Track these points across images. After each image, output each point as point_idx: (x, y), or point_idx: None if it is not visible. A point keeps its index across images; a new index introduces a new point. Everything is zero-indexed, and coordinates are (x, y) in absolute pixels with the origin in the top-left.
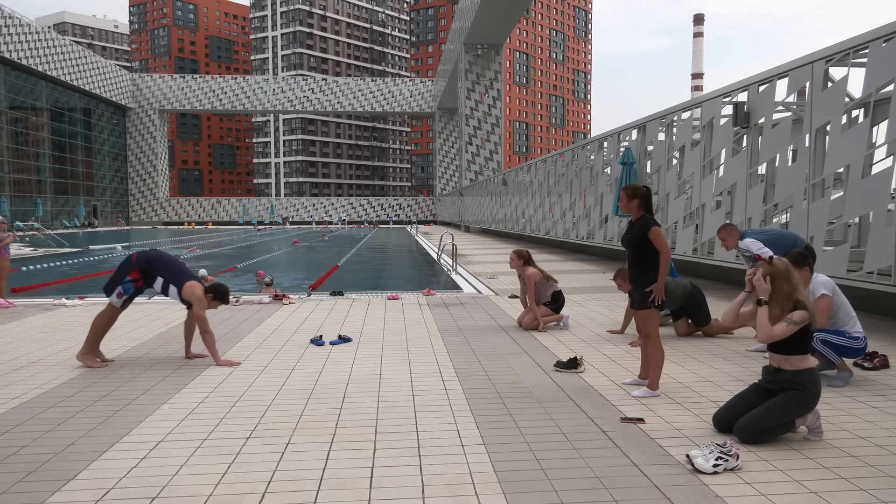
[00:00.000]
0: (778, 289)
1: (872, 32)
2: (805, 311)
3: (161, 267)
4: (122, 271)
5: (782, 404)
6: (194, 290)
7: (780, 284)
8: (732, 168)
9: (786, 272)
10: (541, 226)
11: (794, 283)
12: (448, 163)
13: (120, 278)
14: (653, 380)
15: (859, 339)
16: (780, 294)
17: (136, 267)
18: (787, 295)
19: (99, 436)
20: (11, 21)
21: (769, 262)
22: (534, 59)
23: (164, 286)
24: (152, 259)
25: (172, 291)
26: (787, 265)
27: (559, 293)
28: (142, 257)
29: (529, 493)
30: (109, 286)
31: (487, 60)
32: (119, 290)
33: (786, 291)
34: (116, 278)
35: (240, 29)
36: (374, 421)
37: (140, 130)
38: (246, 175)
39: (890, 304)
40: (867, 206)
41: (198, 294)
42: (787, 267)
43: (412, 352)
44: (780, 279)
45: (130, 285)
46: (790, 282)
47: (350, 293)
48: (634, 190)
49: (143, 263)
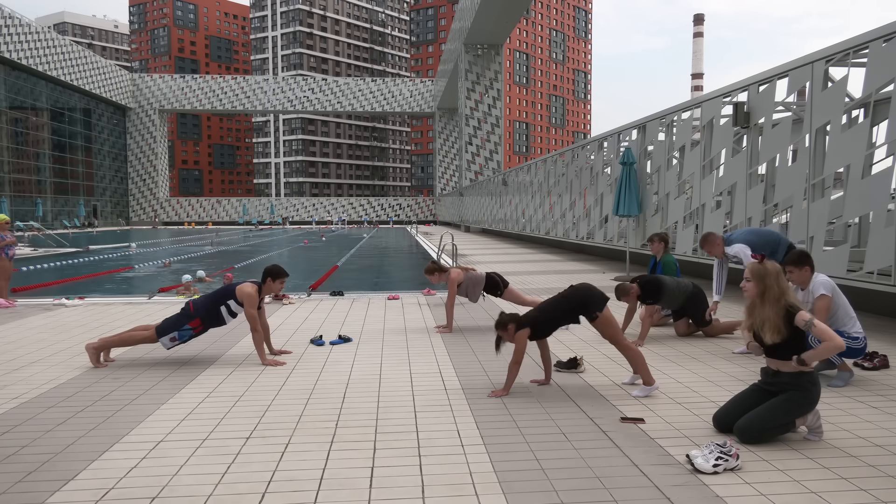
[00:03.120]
0: (769, 288)
1: (872, 32)
2: (802, 310)
3: (216, 298)
4: (181, 320)
5: (782, 405)
6: (244, 289)
7: (771, 284)
8: (732, 168)
9: (775, 272)
10: (541, 226)
11: (783, 286)
12: (448, 163)
13: (178, 325)
14: (644, 377)
15: (859, 339)
16: (772, 293)
17: (196, 316)
18: (777, 297)
19: (99, 436)
20: (11, 21)
21: (760, 261)
22: (534, 59)
23: (227, 310)
24: (208, 303)
25: (234, 305)
26: (776, 266)
27: (491, 277)
28: (199, 305)
29: (529, 493)
30: (164, 329)
31: (487, 60)
32: (174, 335)
33: (776, 292)
34: (173, 325)
35: (240, 29)
36: (374, 421)
37: (140, 130)
38: (246, 175)
39: (890, 304)
40: (867, 206)
41: (247, 291)
42: (777, 269)
43: (412, 352)
44: (772, 279)
45: (188, 333)
46: (780, 284)
47: (350, 293)
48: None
49: (202, 311)
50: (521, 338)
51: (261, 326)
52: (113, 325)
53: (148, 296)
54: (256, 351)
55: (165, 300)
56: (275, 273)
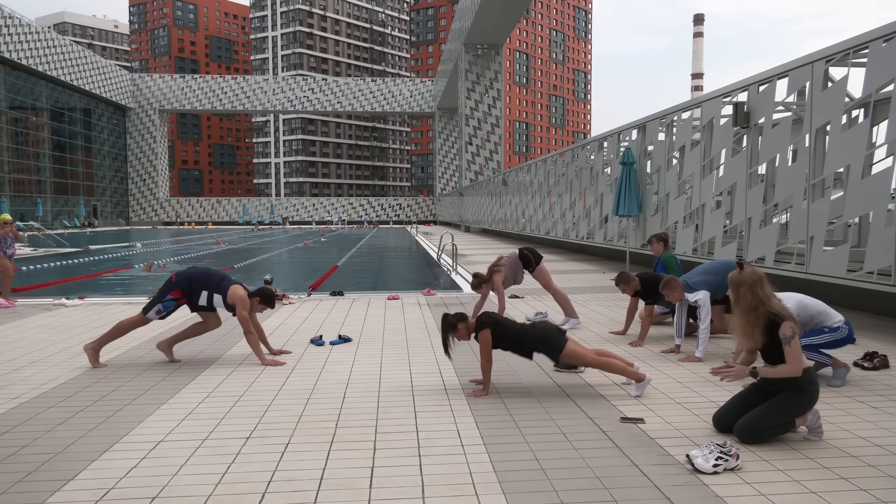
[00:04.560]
0: (741, 297)
1: (872, 32)
2: (789, 321)
3: (202, 282)
4: (163, 292)
5: (782, 404)
6: (237, 292)
7: (743, 293)
8: (732, 168)
9: (751, 282)
10: (541, 226)
11: (760, 295)
12: (448, 163)
13: (160, 298)
14: (630, 375)
15: (840, 327)
16: (743, 303)
17: (177, 287)
18: (751, 306)
19: (99, 436)
20: (11, 21)
21: (740, 268)
22: (534, 59)
23: (208, 299)
24: (193, 277)
25: (218, 300)
26: (754, 275)
27: (523, 254)
28: (182, 277)
29: (529, 493)
30: (149, 306)
31: (487, 60)
32: (158, 308)
33: (749, 302)
34: (157, 298)
35: (240, 29)
36: (374, 421)
37: (140, 130)
38: (246, 175)
39: (890, 304)
40: (867, 206)
41: (240, 294)
42: (755, 278)
43: (412, 352)
44: (744, 288)
45: (171, 303)
46: (755, 293)
47: (350, 293)
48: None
49: (184, 283)
50: (484, 338)
51: (254, 328)
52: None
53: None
54: (254, 353)
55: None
56: (267, 297)
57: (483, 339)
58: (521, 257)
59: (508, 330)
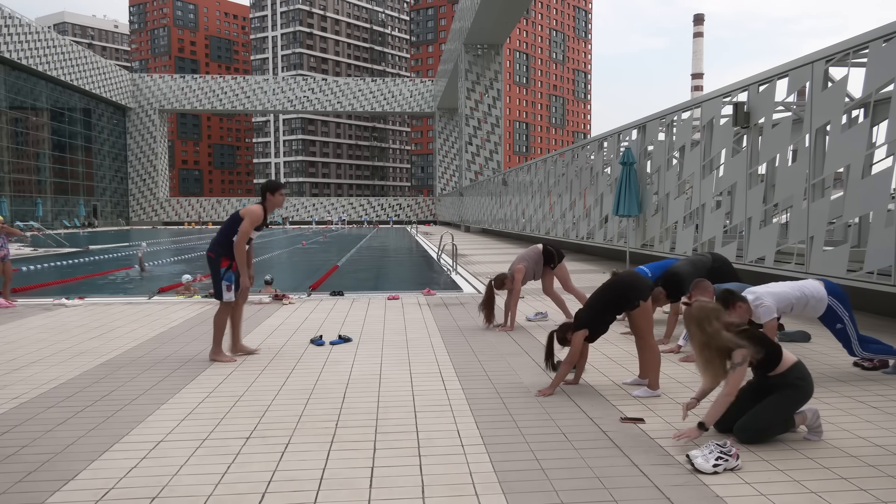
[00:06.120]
0: (692, 335)
1: (872, 32)
2: (742, 349)
3: (226, 233)
4: (214, 272)
5: (777, 402)
6: (249, 207)
7: (693, 332)
8: (732, 168)
9: (698, 318)
10: (541, 226)
11: (709, 332)
12: (448, 163)
13: (217, 277)
14: (652, 380)
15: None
16: (696, 341)
17: (218, 256)
18: (704, 343)
19: (99, 436)
20: (11, 21)
21: (690, 304)
22: (534, 59)
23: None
24: (217, 239)
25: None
26: (701, 311)
27: (547, 250)
28: (213, 247)
29: (529, 493)
30: (218, 292)
31: (487, 60)
32: (225, 285)
33: (700, 339)
34: (215, 281)
35: (240, 29)
36: (374, 421)
37: (140, 130)
38: (246, 175)
39: (890, 304)
40: (867, 206)
41: (251, 209)
42: (702, 314)
43: (412, 352)
44: (693, 326)
45: (230, 274)
46: (703, 330)
47: (350, 293)
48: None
49: (217, 249)
50: (576, 339)
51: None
52: (113, 326)
53: (148, 296)
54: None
55: (165, 300)
56: (273, 187)
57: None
58: (545, 252)
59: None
